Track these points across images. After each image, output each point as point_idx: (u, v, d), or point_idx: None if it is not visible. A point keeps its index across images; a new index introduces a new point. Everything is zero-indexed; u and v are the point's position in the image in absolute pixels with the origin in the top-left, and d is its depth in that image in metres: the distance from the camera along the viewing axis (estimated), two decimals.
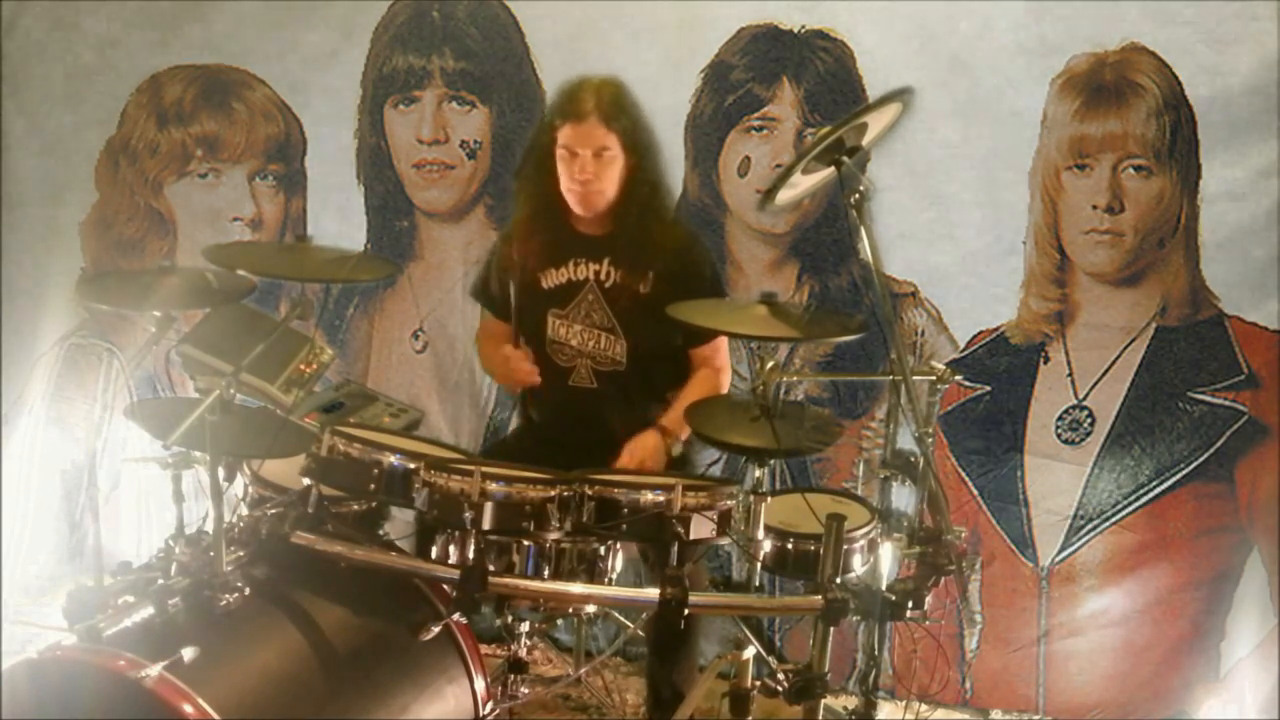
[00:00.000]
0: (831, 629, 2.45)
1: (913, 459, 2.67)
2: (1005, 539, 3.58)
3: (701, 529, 2.51)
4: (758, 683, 2.63)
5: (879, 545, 2.67)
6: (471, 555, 2.49)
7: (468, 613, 2.57)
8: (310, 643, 2.48)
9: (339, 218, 3.96)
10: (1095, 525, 3.52)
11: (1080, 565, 3.54)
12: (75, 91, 4.05)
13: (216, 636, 2.33)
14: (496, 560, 2.49)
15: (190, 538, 2.47)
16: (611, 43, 3.61)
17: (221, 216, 4.01)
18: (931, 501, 2.62)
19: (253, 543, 2.51)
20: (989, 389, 3.56)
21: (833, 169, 2.52)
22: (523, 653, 2.85)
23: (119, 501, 4.13)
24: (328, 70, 3.90)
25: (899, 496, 2.75)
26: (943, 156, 3.48)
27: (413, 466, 2.50)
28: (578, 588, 2.52)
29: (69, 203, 4.12)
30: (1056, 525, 3.54)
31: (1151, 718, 3.51)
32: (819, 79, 3.53)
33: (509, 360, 3.10)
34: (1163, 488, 3.46)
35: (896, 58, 3.46)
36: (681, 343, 3.11)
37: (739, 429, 2.58)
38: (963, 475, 3.59)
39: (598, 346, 3.11)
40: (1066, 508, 3.53)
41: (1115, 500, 3.50)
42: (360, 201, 3.96)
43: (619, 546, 2.58)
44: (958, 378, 3.12)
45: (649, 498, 2.49)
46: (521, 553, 2.50)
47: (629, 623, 3.08)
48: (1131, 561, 3.50)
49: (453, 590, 2.48)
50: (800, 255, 3.65)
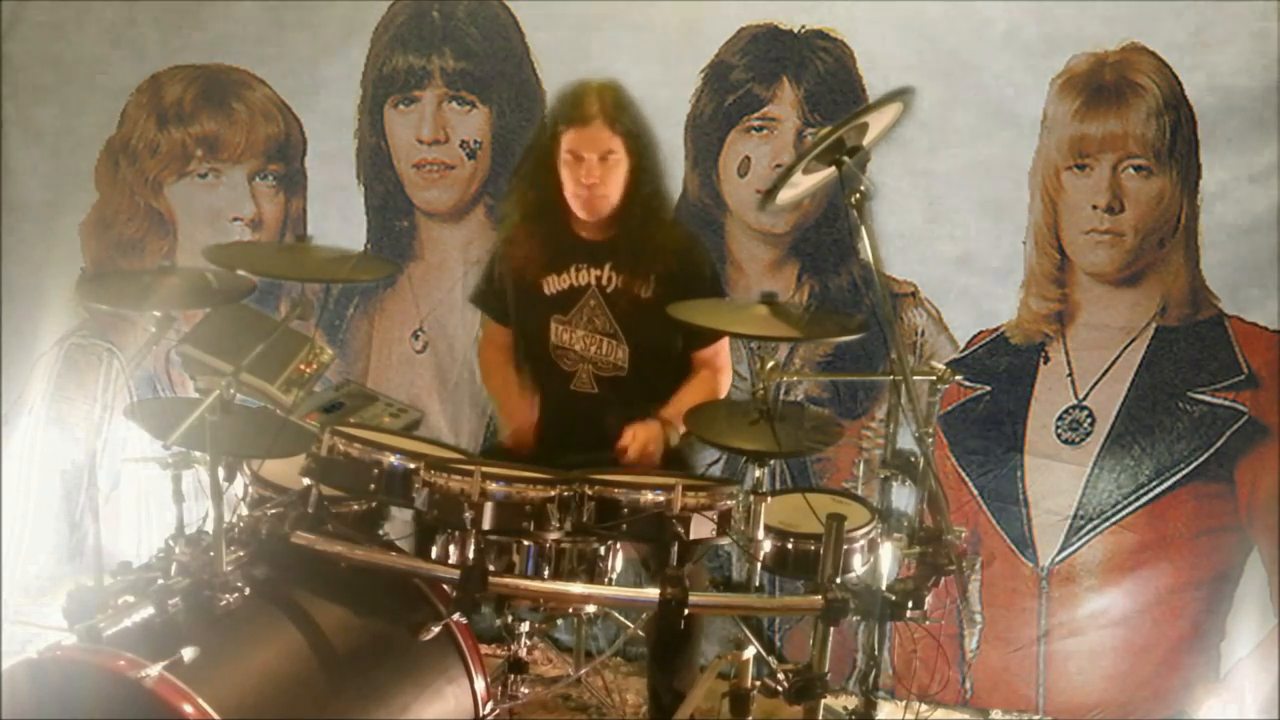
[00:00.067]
0: (831, 629, 2.45)
1: (913, 459, 2.67)
2: (1005, 539, 3.58)
3: (701, 529, 2.51)
4: (758, 683, 2.63)
5: (879, 545, 2.67)
6: (471, 555, 2.48)
7: (468, 613, 2.56)
8: (310, 643, 2.47)
9: (339, 218, 3.96)
10: (1095, 525, 3.52)
11: (1080, 565, 3.54)
12: (75, 91, 4.05)
13: (216, 636, 2.33)
14: (496, 560, 2.49)
15: (190, 538, 2.47)
16: (611, 42, 3.61)
17: (221, 216, 4.01)
18: (931, 501, 2.62)
19: (253, 543, 2.51)
20: (989, 389, 3.56)
21: (833, 169, 2.53)
22: (523, 653, 2.84)
23: (119, 501, 4.13)
24: (328, 70, 3.89)
25: (899, 496, 2.75)
26: (943, 156, 3.48)
27: (413, 466, 2.50)
28: (578, 588, 2.52)
29: (69, 203, 4.12)
30: (1056, 525, 3.54)
31: (1151, 718, 3.51)
32: (819, 79, 3.53)
33: (512, 417, 3.13)
34: (1163, 488, 3.46)
35: (896, 58, 3.46)
36: (682, 346, 3.11)
37: (739, 431, 2.58)
38: (963, 475, 3.59)
39: (599, 352, 3.10)
40: (1066, 508, 3.53)
41: (1115, 500, 3.49)
42: (360, 201, 3.96)
43: (619, 546, 2.58)
44: (958, 378, 3.13)
45: (649, 498, 2.49)
46: (521, 553, 2.50)
47: (629, 623, 3.07)
48: (1131, 561, 3.50)
49: (453, 590, 2.48)
50: (800, 255, 3.64)
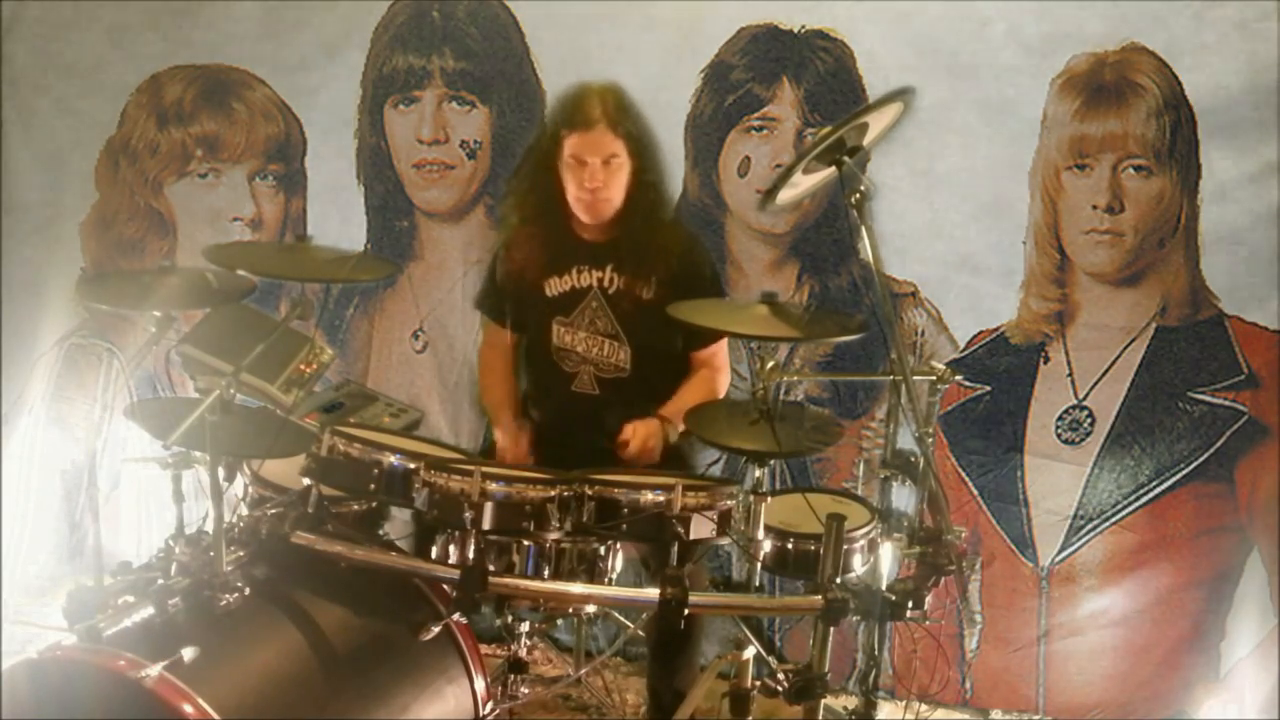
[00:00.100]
0: (831, 629, 2.45)
1: (913, 459, 2.67)
2: (1005, 539, 3.58)
3: (701, 529, 2.51)
4: (758, 683, 2.63)
5: (879, 545, 2.67)
6: (471, 555, 2.48)
7: (468, 613, 2.56)
8: (310, 643, 2.47)
9: (339, 218, 3.96)
10: (1095, 525, 3.51)
11: (1080, 565, 3.53)
12: (75, 91, 4.05)
13: (216, 636, 2.33)
14: (496, 560, 2.49)
15: (190, 538, 2.47)
16: (611, 42, 3.61)
17: (221, 216, 4.01)
18: (931, 501, 2.62)
19: (253, 543, 2.51)
20: (989, 389, 3.56)
21: (833, 169, 2.53)
22: (523, 653, 2.84)
23: (119, 501, 4.13)
24: (328, 70, 3.89)
25: (899, 496, 2.75)
26: (943, 156, 3.48)
27: (413, 466, 2.50)
28: (578, 588, 2.52)
29: (69, 203, 4.12)
30: (1056, 525, 3.54)
31: (1151, 718, 3.51)
32: (819, 79, 3.53)
33: (503, 434, 3.08)
34: (1163, 488, 3.46)
35: (896, 58, 3.46)
36: (682, 346, 3.11)
37: (739, 431, 2.57)
38: (963, 475, 3.59)
39: (601, 353, 3.10)
40: (1066, 508, 3.53)
41: (1115, 500, 3.49)
42: (360, 201, 3.95)
43: (619, 546, 2.58)
44: (958, 378, 3.13)
45: (649, 498, 2.49)
46: (521, 553, 2.50)
47: (629, 623, 3.08)
48: (1131, 561, 3.50)
49: (453, 590, 2.48)
50: (800, 255, 3.64)
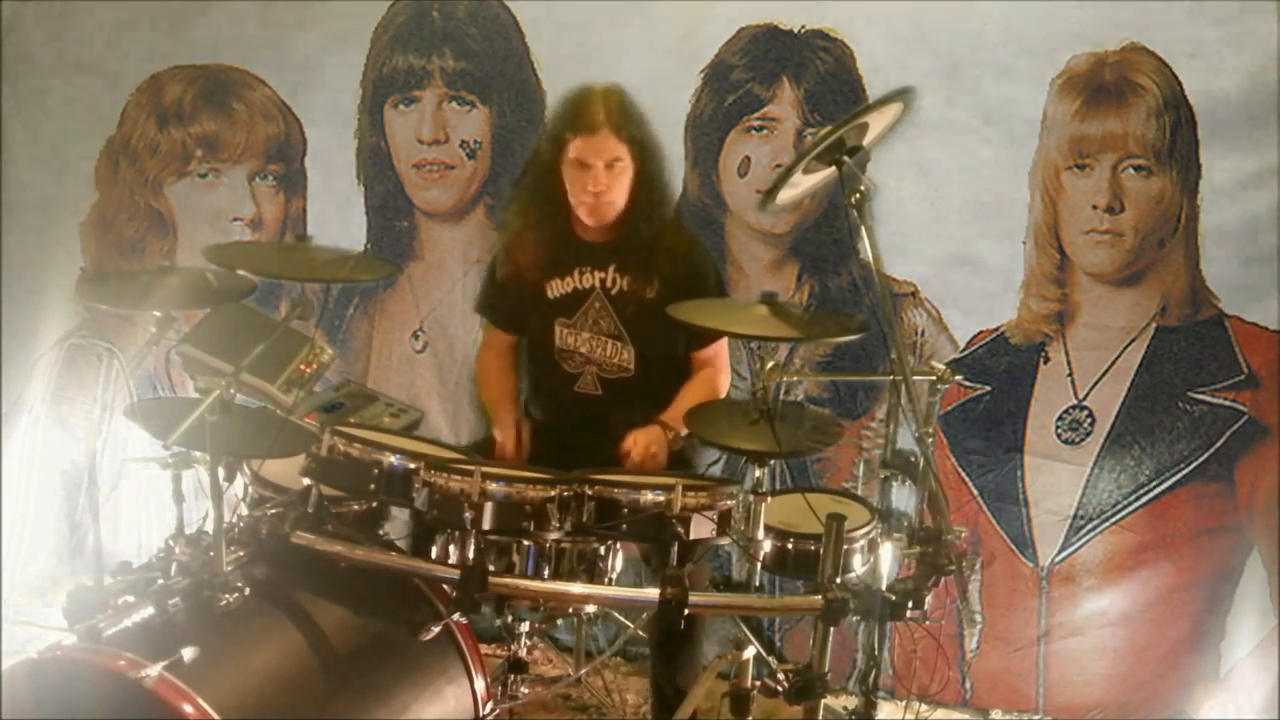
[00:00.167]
0: (831, 629, 2.45)
1: (913, 459, 2.67)
2: (1005, 539, 3.58)
3: (701, 529, 2.51)
4: (758, 683, 2.62)
5: (879, 545, 2.67)
6: (471, 555, 2.48)
7: (468, 613, 2.56)
8: (310, 643, 2.48)
9: (339, 218, 3.96)
10: (1095, 525, 3.51)
11: (1080, 565, 3.53)
12: (75, 91, 4.05)
13: (216, 636, 2.33)
14: (496, 560, 2.49)
15: (190, 538, 2.47)
16: (611, 43, 3.60)
17: (221, 216, 4.01)
18: (931, 501, 2.62)
19: (253, 543, 2.51)
20: (989, 389, 3.56)
21: (833, 169, 2.52)
22: (523, 653, 2.85)
23: (119, 501, 4.13)
24: (328, 70, 3.89)
25: (899, 496, 2.75)
26: (943, 156, 3.48)
27: (413, 466, 2.50)
28: (578, 588, 2.52)
29: (69, 203, 4.12)
30: (1056, 525, 3.54)
31: (1151, 718, 3.51)
32: (819, 79, 3.53)
33: (500, 432, 3.06)
34: (1163, 488, 3.46)
35: (896, 58, 3.45)
36: (684, 347, 3.12)
37: (739, 431, 2.57)
38: (963, 475, 3.58)
39: (605, 354, 3.11)
40: (1066, 508, 3.52)
41: (1115, 500, 3.49)
42: (360, 201, 3.95)
43: (619, 546, 2.58)
44: (958, 378, 3.13)
45: (649, 498, 2.49)
46: (521, 553, 2.50)
47: (629, 623, 3.08)
48: (1131, 561, 3.50)
49: (453, 590, 2.48)
50: (800, 255, 3.64)
